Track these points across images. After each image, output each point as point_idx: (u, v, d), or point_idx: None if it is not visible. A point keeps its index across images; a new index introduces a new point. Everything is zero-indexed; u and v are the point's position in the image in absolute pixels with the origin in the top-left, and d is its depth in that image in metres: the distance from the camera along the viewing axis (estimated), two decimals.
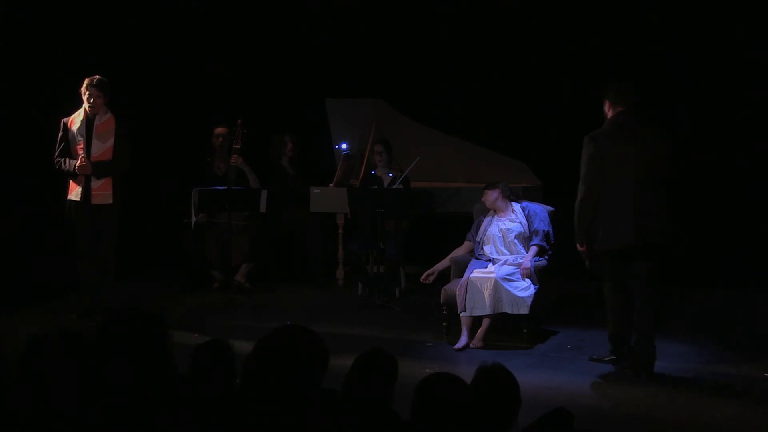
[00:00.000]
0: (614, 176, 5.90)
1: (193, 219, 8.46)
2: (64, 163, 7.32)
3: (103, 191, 7.31)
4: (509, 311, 6.72)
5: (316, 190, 8.62)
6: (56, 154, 7.36)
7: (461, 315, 6.80)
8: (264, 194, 8.22)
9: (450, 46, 9.40)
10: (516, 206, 7.22)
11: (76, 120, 7.35)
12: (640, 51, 8.76)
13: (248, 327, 6.98)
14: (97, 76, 7.29)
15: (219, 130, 8.83)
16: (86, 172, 7.26)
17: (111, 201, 7.32)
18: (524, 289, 6.77)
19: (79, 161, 7.24)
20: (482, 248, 7.19)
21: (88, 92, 7.25)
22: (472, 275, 6.85)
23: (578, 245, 6.06)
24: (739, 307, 7.89)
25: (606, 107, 6.05)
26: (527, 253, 7.02)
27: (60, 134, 7.37)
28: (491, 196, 7.18)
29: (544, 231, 7.08)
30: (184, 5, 9.62)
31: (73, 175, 7.30)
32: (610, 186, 5.91)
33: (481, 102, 9.27)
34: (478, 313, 6.76)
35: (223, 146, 8.74)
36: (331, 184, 8.67)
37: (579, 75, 8.64)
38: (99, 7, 9.07)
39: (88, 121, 7.31)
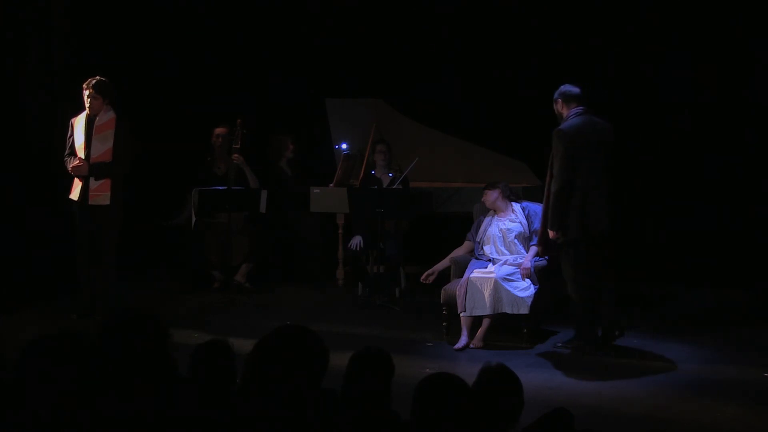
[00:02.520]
0: (586, 168, 6.32)
1: (193, 219, 8.46)
2: (69, 162, 7.32)
3: (101, 192, 7.29)
4: (509, 311, 6.72)
5: (316, 190, 8.61)
6: (65, 153, 7.37)
7: (461, 315, 6.80)
8: (264, 194, 8.23)
9: (450, 46, 9.40)
10: (516, 206, 7.22)
11: (80, 119, 7.35)
12: (640, 51, 8.76)
13: (248, 327, 6.97)
14: (97, 78, 7.29)
15: (219, 130, 8.82)
16: (82, 173, 7.25)
17: (108, 202, 7.29)
18: (524, 289, 6.77)
19: (75, 161, 7.24)
20: (482, 248, 7.19)
21: (86, 93, 7.26)
22: (472, 275, 6.85)
23: (552, 233, 6.41)
24: (739, 307, 7.89)
25: (558, 106, 6.50)
26: (527, 253, 7.02)
27: (68, 133, 7.38)
28: (491, 196, 7.18)
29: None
30: (184, 5, 9.62)
31: (77, 175, 7.30)
32: (583, 177, 6.32)
33: (481, 102, 9.26)
34: (478, 313, 6.76)
35: (222, 146, 8.74)
36: (331, 184, 8.67)
37: (579, 75, 8.63)
38: (99, 7, 9.08)
39: (88, 121, 7.31)
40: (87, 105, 7.27)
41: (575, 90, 6.48)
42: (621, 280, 8.19)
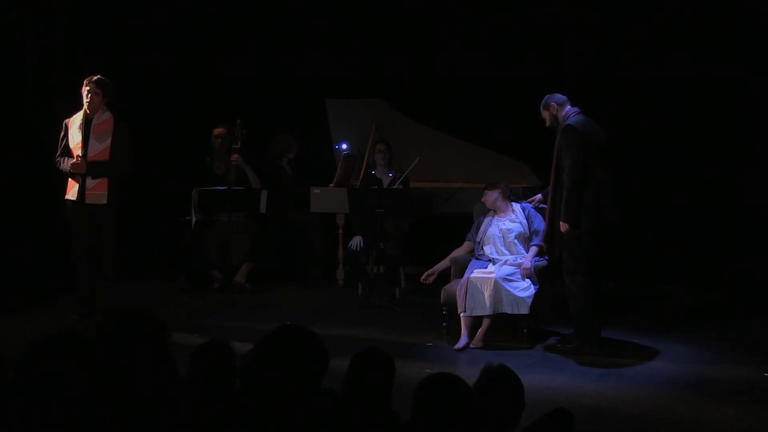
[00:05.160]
0: (597, 162, 6.48)
1: (193, 219, 8.46)
2: (63, 162, 7.32)
3: (98, 191, 7.29)
4: (509, 311, 6.72)
5: (316, 190, 8.62)
6: (57, 154, 7.37)
7: (461, 315, 6.80)
8: (264, 194, 8.22)
9: (449, 46, 9.39)
10: (516, 206, 7.22)
11: (76, 119, 7.35)
12: (639, 51, 8.76)
13: (248, 327, 6.98)
14: (98, 75, 7.31)
15: (217, 131, 8.81)
16: (80, 171, 7.25)
17: (105, 201, 7.30)
18: (524, 289, 6.77)
19: (74, 159, 7.24)
20: (482, 248, 7.19)
21: (86, 89, 7.26)
22: (472, 275, 6.85)
23: (565, 226, 6.46)
24: (739, 308, 7.89)
25: (553, 110, 6.64)
26: (527, 253, 7.03)
27: (61, 134, 7.37)
28: (491, 197, 7.18)
29: (543, 230, 7.08)
30: (184, 5, 9.62)
31: (71, 175, 7.30)
32: (594, 170, 6.45)
33: (481, 102, 9.25)
34: (478, 313, 6.76)
35: (222, 147, 8.73)
36: (331, 184, 8.67)
37: (580, 75, 8.65)
38: (99, 7, 9.09)
39: (86, 120, 7.31)
40: (86, 101, 7.27)
41: (563, 95, 6.68)
42: (621, 280, 8.24)
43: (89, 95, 7.26)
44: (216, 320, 7.55)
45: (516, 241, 7.09)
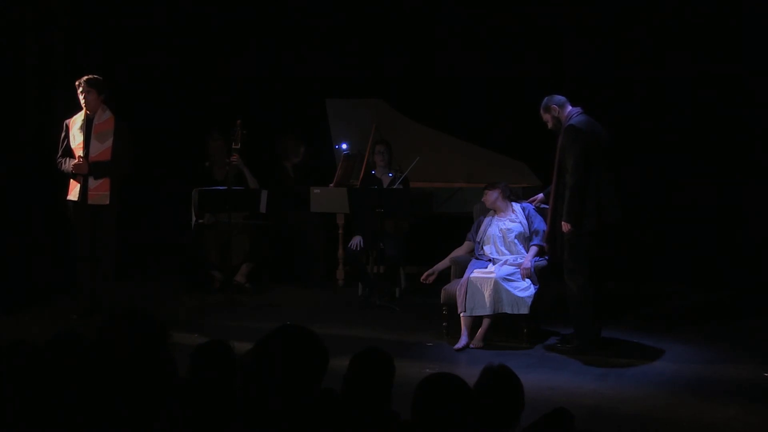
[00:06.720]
0: (599, 162, 6.48)
1: (194, 219, 8.46)
2: (64, 162, 7.33)
3: (100, 192, 7.30)
4: (509, 311, 6.72)
5: (316, 190, 8.62)
6: (58, 155, 7.38)
7: (461, 315, 6.80)
8: (264, 194, 8.22)
9: (449, 46, 9.39)
10: (516, 206, 7.23)
11: (77, 120, 7.36)
12: (639, 51, 8.75)
13: (248, 327, 6.97)
14: (87, 75, 7.31)
15: (216, 143, 8.79)
16: (82, 172, 7.26)
17: (107, 202, 7.31)
18: (524, 289, 6.77)
19: (75, 160, 7.24)
20: (482, 248, 7.20)
21: (79, 90, 7.27)
22: (472, 275, 6.85)
23: (567, 226, 6.45)
24: (739, 308, 7.89)
25: (555, 113, 6.63)
26: (527, 253, 7.03)
27: (62, 135, 7.38)
28: (491, 197, 7.18)
29: (544, 231, 7.08)
30: (184, 5, 9.62)
31: (73, 175, 7.31)
32: (596, 171, 6.46)
33: (481, 102, 9.25)
34: (478, 313, 6.76)
35: (220, 157, 8.71)
36: (331, 184, 8.67)
37: (580, 75, 8.64)
38: (99, 7, 9.09)
39: (87, 120, 7.32)
40: (83, 102, 7.28)
41: (562, 96, 6.68)
42: (621, 279, 8.24)
43: (83, 95, 7.27)
44: (216, 320, 7.55)
45: (516, 240, 7.10)
